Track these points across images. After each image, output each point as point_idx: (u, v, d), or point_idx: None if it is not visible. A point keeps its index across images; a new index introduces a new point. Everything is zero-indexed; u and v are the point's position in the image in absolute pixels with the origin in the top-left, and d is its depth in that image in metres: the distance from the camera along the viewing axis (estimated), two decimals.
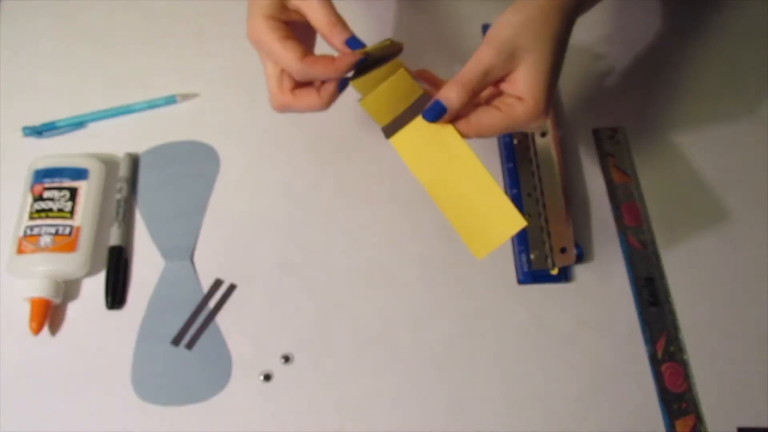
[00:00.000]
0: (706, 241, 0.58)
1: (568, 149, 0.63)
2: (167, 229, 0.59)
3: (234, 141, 0.63)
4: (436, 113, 0.44)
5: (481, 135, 0.45)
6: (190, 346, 0.54)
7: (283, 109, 0.49)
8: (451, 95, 0.44)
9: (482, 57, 0.44)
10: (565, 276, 0.56)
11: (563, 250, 0.55)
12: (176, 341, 0.54)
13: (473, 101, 0.45)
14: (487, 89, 0.46)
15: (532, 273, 0.56)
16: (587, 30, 0.66)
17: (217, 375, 0.53)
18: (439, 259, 0.57)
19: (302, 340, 0.54)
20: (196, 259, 0.58)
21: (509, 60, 0.44)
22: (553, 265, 0.55)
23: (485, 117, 0.45)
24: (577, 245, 0.56)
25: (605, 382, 0.52)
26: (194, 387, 0.52)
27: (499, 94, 0.46)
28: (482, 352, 0.53)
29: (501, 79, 0.45)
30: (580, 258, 0.56)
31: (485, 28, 0.68)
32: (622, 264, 0.57)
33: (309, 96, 0.48)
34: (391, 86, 0.45)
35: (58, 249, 0.55)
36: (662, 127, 0.64)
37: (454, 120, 0.45)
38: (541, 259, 0.56)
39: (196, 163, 0.62)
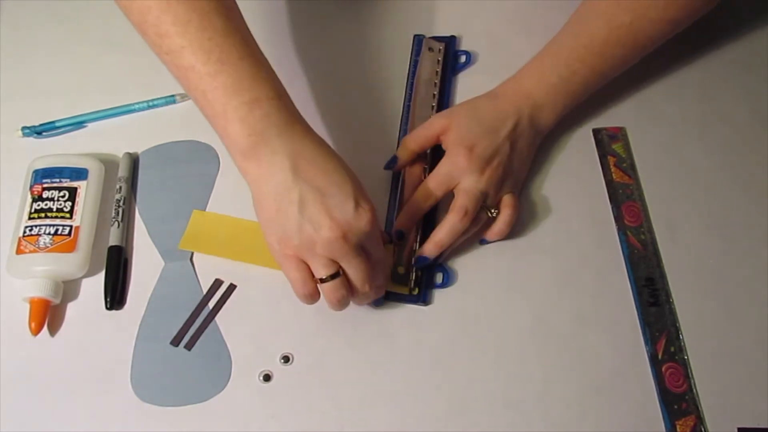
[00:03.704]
0: (706, 241, 0.58)
1: (569, 149, 0.63)
2: (167, 229, 0.59)
3: None
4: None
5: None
6: (189, 346, 0.54)
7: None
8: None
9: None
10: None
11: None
12: (176, 342, 0.54)
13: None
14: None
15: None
16: None
17: (216, 375, 0.53)
18: None
19: (302, 340, 0.54)
20: (195, 259, 0.57)
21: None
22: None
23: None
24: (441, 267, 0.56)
25: (605, 382, 0.52)
26: (194, 387, 0.52)
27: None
28: (482, 352, 0.53)
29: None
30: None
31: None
32: (622, 264, 0.57)
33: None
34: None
35: (57, 249, 0.55)
36: (662, 127, 0.64)
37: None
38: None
39: (196, 163, 0.62)
